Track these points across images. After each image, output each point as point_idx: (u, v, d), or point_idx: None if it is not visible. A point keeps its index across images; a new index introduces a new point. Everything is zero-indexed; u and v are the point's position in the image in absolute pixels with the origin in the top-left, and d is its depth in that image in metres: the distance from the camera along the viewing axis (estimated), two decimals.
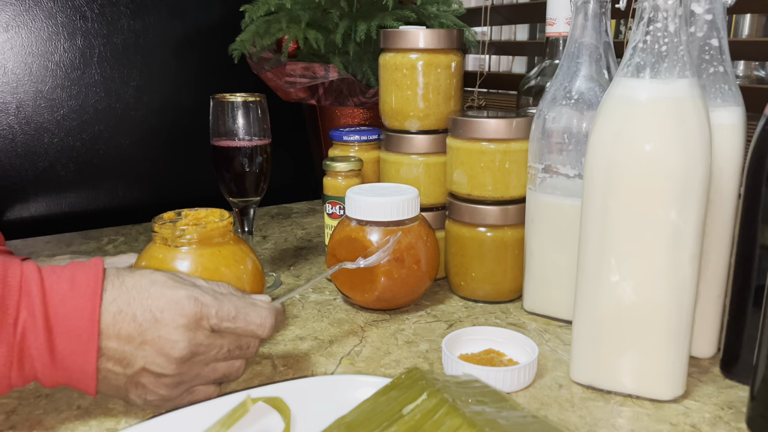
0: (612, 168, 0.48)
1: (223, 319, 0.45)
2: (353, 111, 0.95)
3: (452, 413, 0.38)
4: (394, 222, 0.64)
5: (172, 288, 0.44)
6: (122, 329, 0.42)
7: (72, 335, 0.41)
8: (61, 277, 0.42)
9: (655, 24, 0.46)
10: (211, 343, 0.45)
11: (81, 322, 0.41)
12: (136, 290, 0.43)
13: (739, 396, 0.51)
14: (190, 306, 0.44)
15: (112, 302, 0.42)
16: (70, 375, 0.42)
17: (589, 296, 0.51)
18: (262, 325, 0.47)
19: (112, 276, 0.44)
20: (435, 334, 0.62)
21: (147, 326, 0.43)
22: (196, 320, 0.44)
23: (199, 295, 0.45)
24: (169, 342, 0.43)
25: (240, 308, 0.46)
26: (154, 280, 0.44)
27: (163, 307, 0.43)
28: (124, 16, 1.00)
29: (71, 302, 0.41)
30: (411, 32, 0.70)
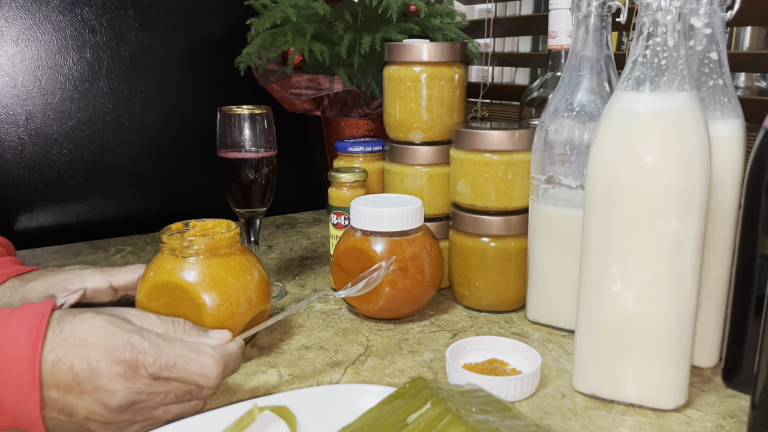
0: (613, 180, 0.49)
1: (161, 368, 0.43)
2: (358, 122, 0.96)
3: (456, 422, 0.39)
4: (398, 232, 0.65)
5: (110, 335, 0.43)
6: (60, 379, 0.41)
7: (14, 386, 0.41)
8: (8, 324, 0.42)
9: (655, 38, 0.47)
10: (155, 391, 0.44)
11: (22, 372, 0.41)
12: (74, 338, 0.42)
13: (741, 405, 0.51)
14: (126, 353, 0.42)
15: (50, 351, 0.42)
16: (17, 422, 0.42)
17: (592, 306, 0.52)
18: (205, 375, 0.44)
19: (54, 323, 0.43)
20: (439, 344, 0.62)
21: (83, 376, 0.42)
22: (132, 368, 0.42)
23: (138, 341, 0.43)
24: (106, 392, 0.42)
25: (181, 356, 0.44)
26: (93, 325, 0.43)
27: (99, 355, 0.42)
28: (132, 29, 1.02)
29: (14, 351, 0.41)
30: (415, 45, 0.71)
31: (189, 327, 0.48)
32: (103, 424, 0.43)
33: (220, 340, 0.48)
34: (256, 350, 0.61)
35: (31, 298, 0.59)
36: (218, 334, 0.48)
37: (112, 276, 0.63)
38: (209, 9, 1.07)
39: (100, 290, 0.62)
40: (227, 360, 0.46)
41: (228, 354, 0.46)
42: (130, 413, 0.43)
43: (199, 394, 0.46)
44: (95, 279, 0.62)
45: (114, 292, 0.64)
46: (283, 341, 0.63)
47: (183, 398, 0.45)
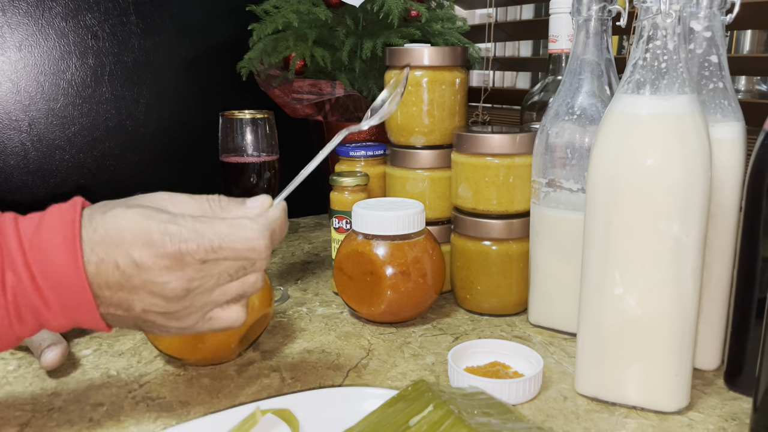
0: (614, 183, 0.49)
1: (207, 251, 0.41)
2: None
3: (458, 424, 0.39)
4: (400, 236, 0.65)
5: (146, 230, 0.41)
6: (109, 278, 0.41)
7: (64, 291, 0.40)
8: (40, 229, 0.41)
9: (655, 42, 0.47)
10: (206, 274, 0.42)
11: (68, 277, 0.40)
12: (110, 237, 0.41)
13: (743, 408, 0.51)
14: (167, 246, 0.41)
15: (91, 253, 0.41)
16: (77, 321, 0.42)
17: (594, 309, 0.52)
18: (253, 248, 0.43)
19: (86, 223, 0.41)
20: (441, 347, 0.62)
21: (130, 272, 0.41)
22: (177, 259, 0.41)
23: (175, 231, 0.41)
24: (157, 284, 0.41)
25: (224, 236, 0.42)
26: (126, 220, 0.41)
27: (141, 251, 0.41)
28: (134, 35, 1.02)
29: (54, 257, 0.40)
30: (416, 50, 0.71)
31: (225, 202, 0.46)
32: (162, 315, 0.43)
33: (260, 208, 0.46)
34: (259, 354, 0.61)
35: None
36: (257, 202, 0.46)
37: None
38: (211, 15, 1.08)
39: None
40: (272, 227, 0.44)
41: (271, 221, 0.45)
42: (188, 300, 0.42)
43: (253, 267, 0.44)
44: None
45: None
46: (285, 345, 0.63)
47: (238, 275, 0.44)
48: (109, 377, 0.56)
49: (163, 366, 0.58)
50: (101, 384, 0.55)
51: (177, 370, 0.57)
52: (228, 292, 0.44)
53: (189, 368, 0.58)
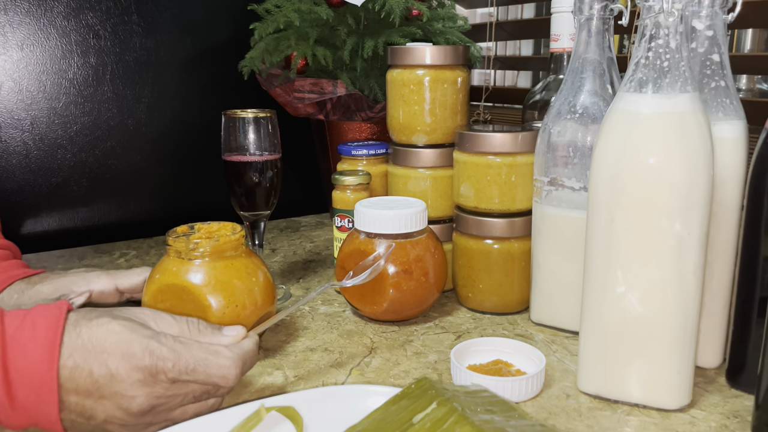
0: (616, 181, 0.49)
1: (181, 372, 0.43)
2: (361, 126, 0.96)
3: (461, 422, 0.39)
4: (402, 234, 0.65)
5: (128, 342, 0.43)
6: (80, 384, 0.42)
7: (32, 389, 0.41)
8: (23, 326, 0.42)
9: (657, 40, 0.48)
10: (174, 393, 0.44)
11: (40, 376, 0.41)
12: (91, 344, 0.42)
13: (745, 405, 0.52)
14: (145, 360, 0.42)
15: (69, 357, 0.42)
16: (35, 422, 0.42)
17: (596, 307, 0.52)
18: (224, 376, 0.45)
19: (70, 327, 0.43)
20: (443, 345, 0.62)
21: (103, 382, 0.42)
22: (152, 375, 0.43)
23: (156, 347, 0.43)
24: (126, 398, 0.42)
25: (200, 360, 0.44)
26: (110, 331, 0.43)
27: (118, 362, 0.42)
28: (136, 34, 1.02)
29: (31, 355, 0.41)
30: (418, 49, 0.72)
31: (203, 326, 0.48)
32: (123, 426, 0.44)
33: (235, 338, 0.48)
34: (262, 352, 0.61)
35: (38, 301, 0.59)
36: (233, 332, 0.49)
37: (118, 279, 0.63)
38: (213, 14, 1.08)
39: (106, 293, 0.62)
40: (244, 359, 0.47)
41: (245, 352, 0.47)
42: (150, 416, 0.44)
43: (216, 392, 0.46)
44: (101, 282, 0.62)
45: (119, 294, 0.64)
46: (288, 343, 0.63)
47: (201, 398, 0.46)
48: None
49: None
50: None
51: None
52: (186, 412, 0.46)
53: None
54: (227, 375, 0.45)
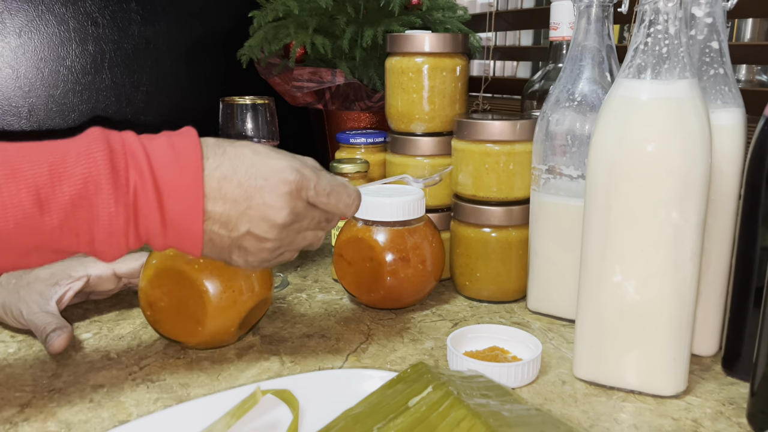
0: (614, 168, 0.49)
1: (320, 193, 0.48)
2: (359, 115, 0.96)
3: (457, 405, 0.39)
4: (400, 222, 0.65)
5: (275, 158, 0.46)
6: (228, 194, 0.44)
7: (179, 197, 0.43)
8: (161, 144, 0.44)
9: (656, 26, 0.47)
10: (307, 214, 0.48)
11: (187, 184, 0.43)
12: (239, 159, 0.45)
13: (740, 392, 0.52)
14: (293, 175, 0.46)
15: (216, 168, 0.44)
16: (178, 236, 0.44)
17: (592, 295, 0.52)
18: (350, 205, 0.50)
19: (211, 145, 0.45)
20: (440, 333, 0.63)
21: (252, 192, 0.45)
22: (297, 190, 0.46)
23: (300, 167, 0.47)
24: (273, 208, 0.45)
25: (334, 186, 0.49)
26: (256, 150, 0.46)
27: (268, 174, 0.45)
28: (134, 22, 1.02)
29: (175, 165, 0.43)
30: (417, 36, 0.71)
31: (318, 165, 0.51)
32: (259, 241, 0.47)
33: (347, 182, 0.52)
34: (258, 338, 0.61)
35: (36, 285, 0.59)
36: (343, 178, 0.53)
37: (115, 264, 0.63)
38: (211, 2, 1.08)
39: (104, 277, 0.63)
40: (360, 197, 0.52)
41: (359, 192, 0.52)
42: (285, 232, 0.47)
43: (329, 224, 0.51)
44: (99, 266, 0.62)
45: (117, 279, 0.64)
46: (285, 330, 0.63)
47: (321, 225, 0.50)
48: (110, 360, 0.57)
49: (163, 349, 0.58)
50: (101, 366, 0.55)
51: (177, 354, 0.58)
52: (305, 238, 0.50)
53: (189, 352, 0.58)
54: (351, 205, 0.50)
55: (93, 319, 0.65)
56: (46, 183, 0.40)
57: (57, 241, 0.42)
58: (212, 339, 0.57)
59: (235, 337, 0.58)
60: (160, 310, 0.56)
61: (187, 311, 0.55)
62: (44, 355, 0.57)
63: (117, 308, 0.68)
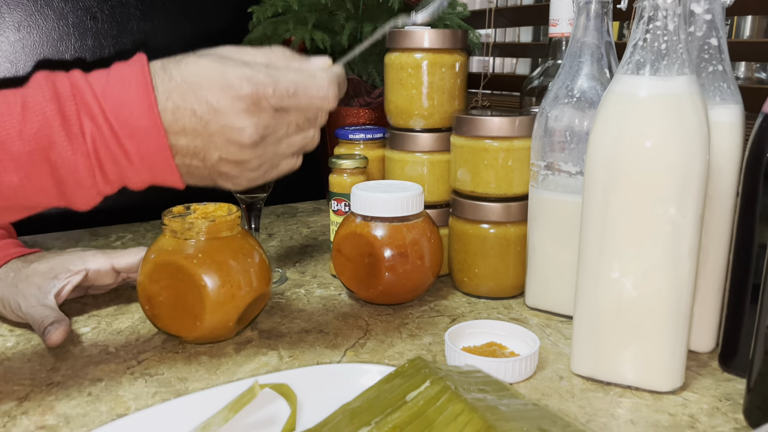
0: (612, 164, 0.49)
1: (282, 97, 0.43)
2: (358, 111, 0.96)
3: (454, 400, 0.39)
4: (398, 218, 0.65)
5: (222, 73, 0.42)
6: (186, 125, 0.41)
7: (139, 137, 0.41)
8: (110, 80, 0.41)
9: (655, 22, 0.47)
10: (278, 123, 0.44)
11: (143, 123, 0.40)
12: (185, 83, 0.41)
13: (737, 388, 0.52)
14: (244, 88, 0.42)
15: (167, 99, 0.41)
16: (153, 173, 0.42)
17: (590, 291, 0.52)
18: (325, 97, 0.44)
19: (159, 71, 0.42)
20: (438, 328, 0.63)
21: (208, 117, 0.41)
22: (254, 102, 0.42)
23: (252, 74, 0.42)
24: (235, 130, 0.42)
25: (299, 83, 0.43)
26: (201, 66, 0.42)
27: (218, 95, 0.41)
28: (133, 17, 1.02)
29: (128, 104, 0.40)
30: (416, 32, 0.71)
31: (289, 53, 0.46)
32: (236, 164, 0.44)
33: (325, 63, 0.47)
34: (256, 333, 0.61)
35: (34, 279, 0.59)
36: (320, 60, 0.47)
37: (114, 258, 0.63)
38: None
39: (102, 272, 0.63)
40: (338, 80, 0.46)
41: (337, 75, 0.46)
42: (260, 148, 0.44)
43: (316, 120, 0.46)
44: (97, 260, 0.62)
45: (116, 274, 0.64)
46: (283, 325, 0.63)
47: (303, 126, 0.46)
48: (108, 354, 0.57)
49: (161, 344, 0.59)
50: (100, 360, 0.55)
51: (175, 348, 0.58)
52: (293, 145, 0.46)
53: (187, 346, 0.58)
54: (327, 95, 0.44)
55: (91, 314, 0.65)
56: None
57: (25, 198, 0.41)
58: (210, 334, 0.57)
59: (233, 331, 0.58)
60: (158, 304, 0.56)
61: (185, 306, 0.55)
62: (43, 349, 0.57)
63: (115, 303, 0.68)
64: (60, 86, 0.40)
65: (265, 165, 0.45)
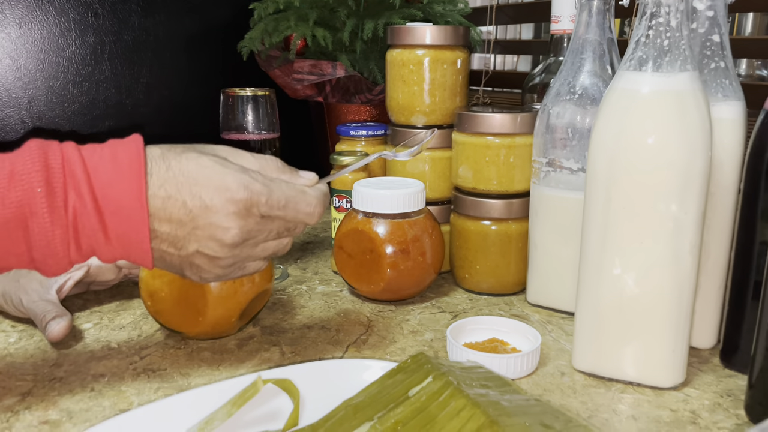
0: (614, 160, 0.49)
1: (273, 207, 0.45)
2: (360, 108, 0.96)
3: (457, 395, 0.39)
4: (400, 214, 0.65)
5: (221, 175, 0.44)
6: (173, 214, 0.43)
7: (122, 217, 0.42)
8: (103, 157, 0.42)
9: (658, 19, 0.47)
10: (261, 228, 0.46)
11: (130, 204, 0.41)
12: (183, 176, 0.43)
13: (738, 385, 0.52)
14: (240, 193, 0.44)
15: (160, 187, 0.42)
16: (126, 252, 0.43)
17: (592, 288, 0.52)
18: (311, 214, 0.48)
19: (156, 159, 0.43)
20: (440, 325, 0.63)
21: (197, 213, 0.43)
22: (246, 208, 0.44)
23: (250, 182, 0.44)
24: (220, 229, 0.44)
25: (290, 197, 0.46)
26: (201, 164, 0.44)
27: (212, 194, 0.43)
28: (134, 13, 1.02)
29: (117, 185, 0.41)
30: (418, 28, 0.71)
31: (280, 165, 0.49)
32: (210, 259, 0.45)
33: (312, 180, 0.49)
34: (259, 329, 0.61)
35: (35, 274, 0.59)
36: (309, 176, 0.50)
37: None
38: None
39: (104, 267, 0.63)
40: (324, 199, 0.49)
41: (323, 194, 0.49)
42: (237, 249, 0.45)
43: (294, 231, 0.49)
44: None
45: (118, 269, 0.64)
46: (285, 321, 0.63)
47: (281, 234, 0.48)
48: (110, 350, 0.57)
49: (163, 340, 0.59)
50: (102, 356, 0.55)
51: (177, 344, 0.58)
52: (266, 249, 0.48)
53: (189, 342, 0.58)
54: (313, 213, 0.48)
55: (93, 310, 0.65)
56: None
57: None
58: (213, 329, 0.57)
59: (235, 327, 0.58)
60: (160, 300, 0.56)
61: (187, 302, 0.55)
62: (45, 344, 0.57)
63: (117, 299, 0.68)
64: (51, 157, 0.41)
65: (236, 264, 0.47)
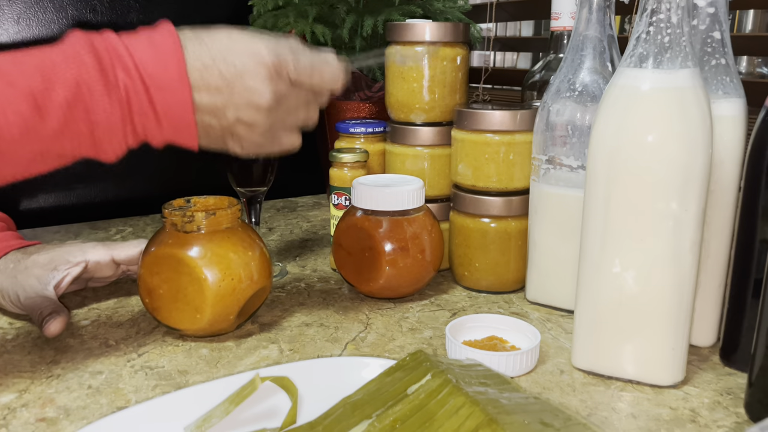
0: (614, 157, 0.49)
1: (300, 72, 0.48)
2: (359, 106, 0.96)
3: (456, 393, 0.39)
4: (399, 212, 0.65)
5: (251, 42, 0.46)
6: (211, 82, 0.45)
7: (168, 92, 0.44)
8: (140, 40, 0.44)
9: (659, 15, 0.47)
10: (291, 94, 0.49)
11: (172, 76, 0.44)
12: (216, 47, 0.45)
13: (738, 383, 0.52)
14: (270, 56, 0.46)
15: (196, 59, 0.45)
16: (174, 130, 0.46)
17: (591, 285, 0.52)
18: (335, 80, 0.51)
19: (189, 36, 0.45)
20: (439, 322, 0.63)
21: (232, 79, 0.45)
22: (276, 70, 0.47)
23: (277, 48, 0.47)
24: (255, 92, 0.46)
25: (315, 64, 0.49)
26: (231, 35, 0.46)
27: (245, 60, 0.46)
28: (133, 9, 1.01)
29: (158, 61, 0.44)
30: (417, 25, 0.71)
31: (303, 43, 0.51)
32: (249, 126, 0.48)
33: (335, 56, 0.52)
34: (257, 326, 0.61)
35: (34, 270, 0.59)
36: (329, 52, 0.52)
37: (114, 250, 0.63)
38: None
39: (102, 264, 0.62)
40: (346, 69, 0.52)
41: (345, 64, 0.52)
42: (272, 115, 0.48)
43: (320, 98, 0.52)
44: (97, 252, 0.62)
45: (116, 266, 0.64)
46: (284, 318, 0.63)
47: (309, 102, 0.51)
48: (108, 347, 0.57)
49: (161, 337, 0.58)
50: (100, 353, 0.55)
51: (175, 341, 0.58)
52: (297, 117, 0.51)
53: (187, 339, 0.58)
54: (337, 79, 0.51)
55: (91, 307, 0.65)
56: (41, 90, 0.41)
57: (60, 145, 0.43)
58: (211, 327, 0.57)
59: (233, 325, 0.58)
60: (158, 297, 0.56)
61: (185, 299, 0.55)
62: (43, 341, 0.57)
63: (115, 296, 0.68)
64: (96, 41, 0.43)
65: (272, 131, 0.50)
